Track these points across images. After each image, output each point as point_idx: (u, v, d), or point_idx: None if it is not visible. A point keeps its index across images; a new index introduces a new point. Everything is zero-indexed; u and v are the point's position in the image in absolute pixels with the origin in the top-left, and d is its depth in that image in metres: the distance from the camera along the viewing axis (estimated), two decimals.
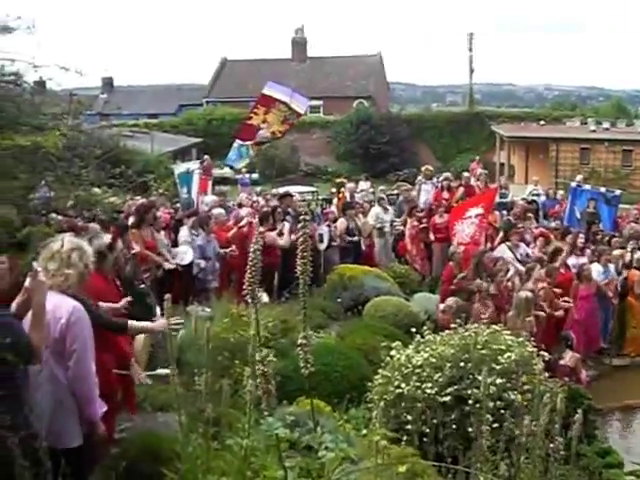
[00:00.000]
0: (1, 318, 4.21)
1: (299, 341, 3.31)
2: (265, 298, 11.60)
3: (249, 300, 3.83)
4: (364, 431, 7.10)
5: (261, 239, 3.35)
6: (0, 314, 4.30)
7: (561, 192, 22.60)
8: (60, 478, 3.83)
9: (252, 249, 3.29)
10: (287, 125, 20.75)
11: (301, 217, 3.11)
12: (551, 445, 5.42)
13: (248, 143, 20.54)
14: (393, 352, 7.81)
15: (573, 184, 19.97)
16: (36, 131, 7.81)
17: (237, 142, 21.04)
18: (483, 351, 7.30)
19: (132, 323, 6.59)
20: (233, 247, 13.58)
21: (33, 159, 7.85)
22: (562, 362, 10.97)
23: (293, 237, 13.76)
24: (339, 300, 13.82)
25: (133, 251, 9.21)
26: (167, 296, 5.86)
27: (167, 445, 6.43)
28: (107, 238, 7.70)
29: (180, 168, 19.72)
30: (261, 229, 13.58)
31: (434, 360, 7.34)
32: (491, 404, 6.34)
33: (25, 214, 7.73)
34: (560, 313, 12.60)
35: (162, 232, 12.93)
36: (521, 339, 7.80)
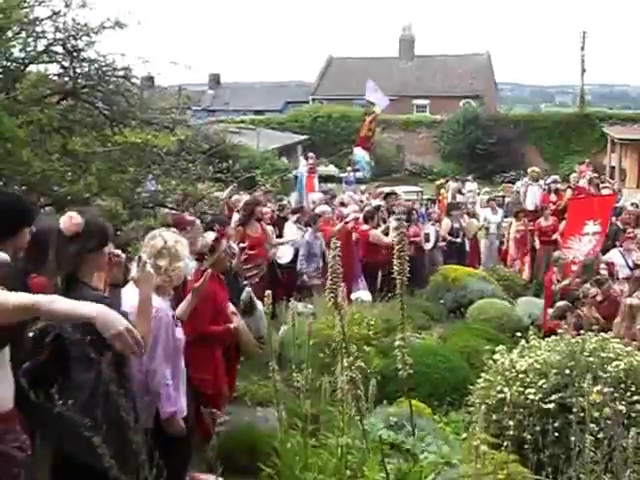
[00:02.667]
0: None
1: (396, 342, 3.29)
2: (368, 296, 11.60)
3: (353, 296, 3.84)
4: (464, 435, 7.02)
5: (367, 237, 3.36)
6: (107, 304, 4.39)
7: None
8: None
9: (332, 246, 3.29)
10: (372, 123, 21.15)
11: (396, 216, 3.09)
12: None
13: (367, 154, 20.82)
14: (497, 356, 7.68)
15: None
16: (145, 125, 7.97)
17: (357, 151, 21.24)
18: (590, 359, 7.12)
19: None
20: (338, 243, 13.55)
21: (141, 153, 8.02)
22: None
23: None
24: (442, 301, 13.74)
25: (236, 248, 9.25)
26: (267, 292, 5.92)
27: (265, 440, 6.50)
28: (211, 237, 7.79)
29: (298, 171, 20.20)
30: (366, 227, 13.62)
31: (539, 366, 7.18)
32: (596, 414, 6.18)
33: (133, 207, 7.89)
34: None
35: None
36: (630, 348, 7.57)
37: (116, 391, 3.35)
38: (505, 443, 6.61)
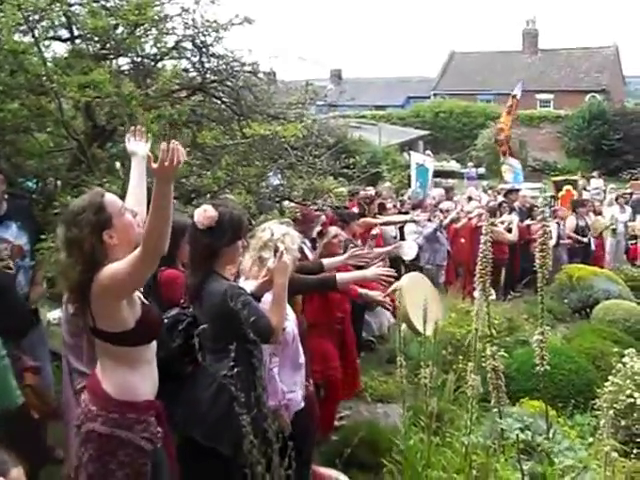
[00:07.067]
0: (244, 297, 4.35)
1: (535, 337, 3.22)
2: (492, 294, 11.39)
3: (477, 294, 3.76)
4: (590, 440, 6.84)
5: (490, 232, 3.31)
6: (243, 293, 4.45)
7: None
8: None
9: (482, 240, 3.23)
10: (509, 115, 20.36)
11: (539, 209, 3.04)
12: None
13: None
14: (626, 359, 7.45)
15: None
16: (271, 119, 8.03)
17: (510, 161, 20.62)
18: None
19: (341, 276, 6.16)
20: (462, 240, 13.48)
21: (266, 147, 8.08)
22: None
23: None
24: (566, 301, 13.45)
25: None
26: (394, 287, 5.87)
27: (386, 436, 6.48)
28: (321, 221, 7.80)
29: (416, 159, 19.86)
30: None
31: None
32: None
33: (258, 201, 7.96)
34: None
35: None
36: None
37: (253, 380, 3.38)
38: (635, 450, 6.43)
